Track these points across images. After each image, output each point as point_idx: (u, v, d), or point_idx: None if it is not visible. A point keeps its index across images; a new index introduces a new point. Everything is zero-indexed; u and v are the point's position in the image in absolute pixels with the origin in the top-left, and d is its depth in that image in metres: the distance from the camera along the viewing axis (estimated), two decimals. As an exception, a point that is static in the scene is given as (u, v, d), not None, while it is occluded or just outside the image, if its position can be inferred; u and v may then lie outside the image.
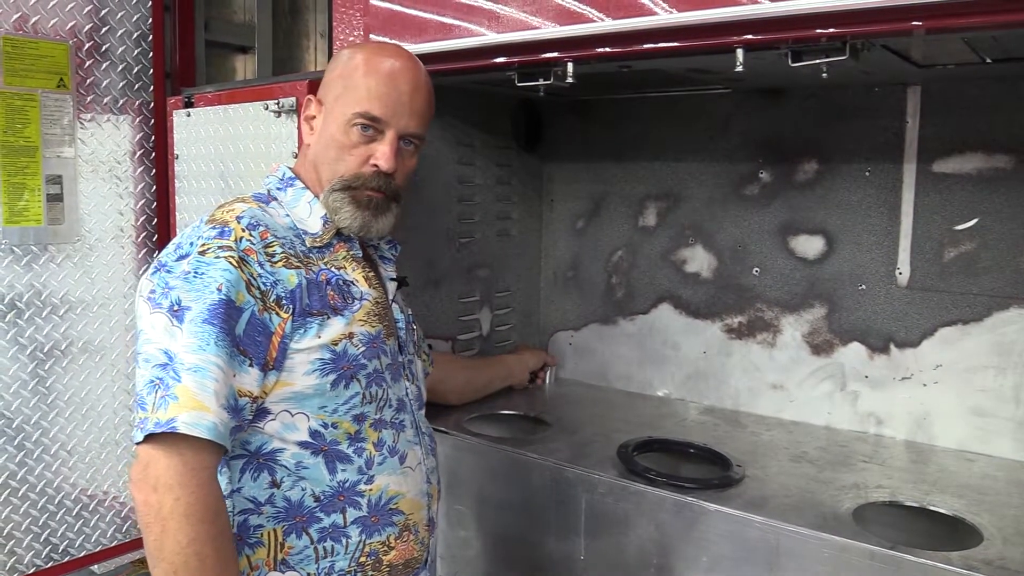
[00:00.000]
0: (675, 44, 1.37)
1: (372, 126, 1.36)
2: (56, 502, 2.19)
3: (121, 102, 2.24)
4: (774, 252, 2.05)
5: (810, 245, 1.99)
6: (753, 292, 2.09)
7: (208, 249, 1.22)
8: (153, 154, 2.32)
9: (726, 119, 2.10)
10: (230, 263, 1.21)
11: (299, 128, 1.50)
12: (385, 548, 1.34)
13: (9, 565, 2.11)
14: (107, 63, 2.20)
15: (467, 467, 1.88)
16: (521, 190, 2.41)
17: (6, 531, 2.10)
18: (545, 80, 1.66)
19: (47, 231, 2.13)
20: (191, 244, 1.24)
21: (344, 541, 1.30)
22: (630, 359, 2.33)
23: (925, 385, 1.85)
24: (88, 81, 2.17)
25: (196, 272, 1.20)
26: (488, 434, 1.92)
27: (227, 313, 1.18)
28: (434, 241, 2.11)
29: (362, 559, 1.32)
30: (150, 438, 1.14)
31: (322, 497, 1.28)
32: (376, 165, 1.36)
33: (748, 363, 2.11)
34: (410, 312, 1.57)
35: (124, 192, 2.27)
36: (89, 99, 2.18)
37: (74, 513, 2.22)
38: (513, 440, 1.88)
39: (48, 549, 2.17)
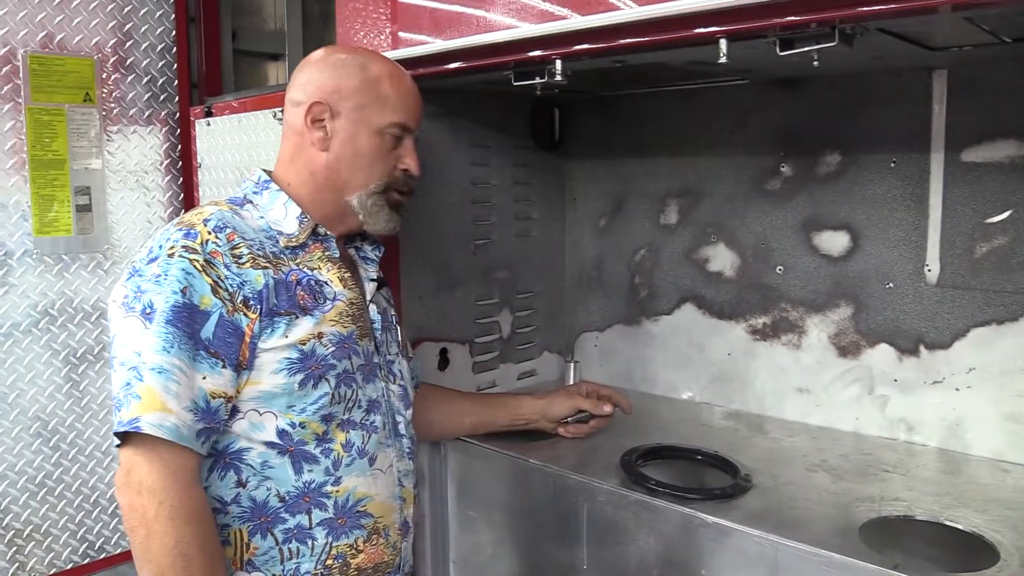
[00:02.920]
0: (656, 37, 1.31)
1: (403, 134, 1.45)
2: (91, 501, 2.27)
3: (147, 113, 2.31)
4: (797, 249, 1.95)
5: (834, 241, 1.89)
6: (777, 291, 2.00)
7: (174, 251, 1.24)
8: (180, 163, 2.38)
9: (745, 112, 2.01)
10: (194, 266, 1.23)
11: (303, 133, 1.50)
12: (353, 551, 1.34)
13: (47, 561, 2.20)
14: (132, 76, 2.28)
15: (475, 472, 1.86)
16: (542, 190, 2.36)
17: (44, 528, 2.19)
18: (540, 78, 1.62)
19: (77, 240, 2.21)
20: (160, 247, 1.27)
21: (310, 543, 1.30)
22: (654, 361, 2.27)
23: (958, 389, 1.73)
24: (114, 94, 2.24)
25: (165, 273, 1.23)
26: (498, 438, 1.89)
27: (189, 316, 1.21)
28: (447, 244, 2.09)
29: (328, 562, 1.32)
30: (131, 443, 1.17)
31: (287, 497, 1.29)
32: (406, 169, 1.46)
33: (773, 365, 2.02)
34: (393, 314, 1.57)
35: (152, 201, 2.34)
36: (115, 112, 2.25)
37: (109, 512, 2.30)
38: (521, 445, 1.85)
39: (84, 546, 2.26)
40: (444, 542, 1.95)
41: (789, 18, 1.20)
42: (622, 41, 1.35)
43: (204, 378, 1.21)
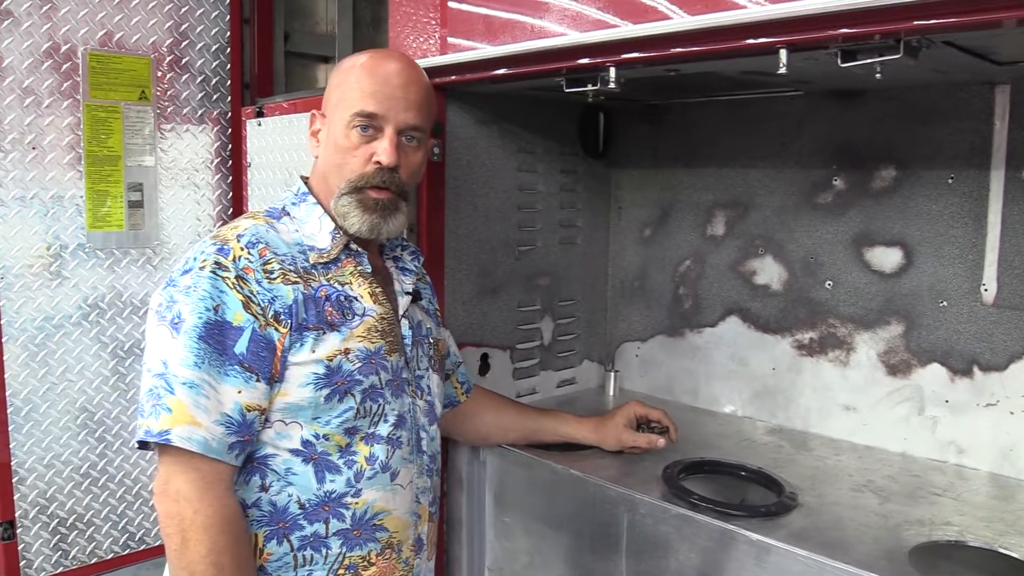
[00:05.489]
0: (714, 47, 1.30)
1: (370, 124, 1.36)
2: (134, 492, 2.31)
3: (199, 112, 2.35)
4: (848, 264, 1.92)
5: (887, 258, 1.85)
6: (825, 307, 1.97)
7: (206, 266, 1.26)
8: (230, 162, 2.41)
9: (798, 123, 1.98)
10: (226, 283, 1.25)
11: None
12: (365, 563, 1.34)
13: (89, 550, 2.23)
14: (186, 75, 2.31)
15: (514, 479, 1.85)
16: (588, 197, 2.36)
17: (87, 518, 2.23)
18: (593, 86, 1.61)
19: (128, 236, 2.25)
20: (194, 259, 1.28)
21: (324, 551, 1.31)
22: (696, 373, 2.24)
23: (1012, 413, 1.68)
24: (168, 93, 2.28)
25: (196, 287, 1.24)
26: (539, 446, 1.88)
27: (220, 332, 1.22)
28: (491, 249, 2.09)
29: (340, 571, 1.32)
30: (167, 454, 1.20)
31: (307, 505, 1.30)
32: (379, 162, 1.36)
33: (819, 382, 1.99)
34: (429, 327, 1.55)
35: (202, 199, 2.38)
36: (169, 110, 2.29)
37: (150, 504, 2.33)
38: (561, 454, 1.84)
39: (125, 537, 2.29)
40: (480, 548, 1.94)
41: (853, 29, 1.18)
42: (679, 49, 1.33)
43: (240, 392, 1.23)
